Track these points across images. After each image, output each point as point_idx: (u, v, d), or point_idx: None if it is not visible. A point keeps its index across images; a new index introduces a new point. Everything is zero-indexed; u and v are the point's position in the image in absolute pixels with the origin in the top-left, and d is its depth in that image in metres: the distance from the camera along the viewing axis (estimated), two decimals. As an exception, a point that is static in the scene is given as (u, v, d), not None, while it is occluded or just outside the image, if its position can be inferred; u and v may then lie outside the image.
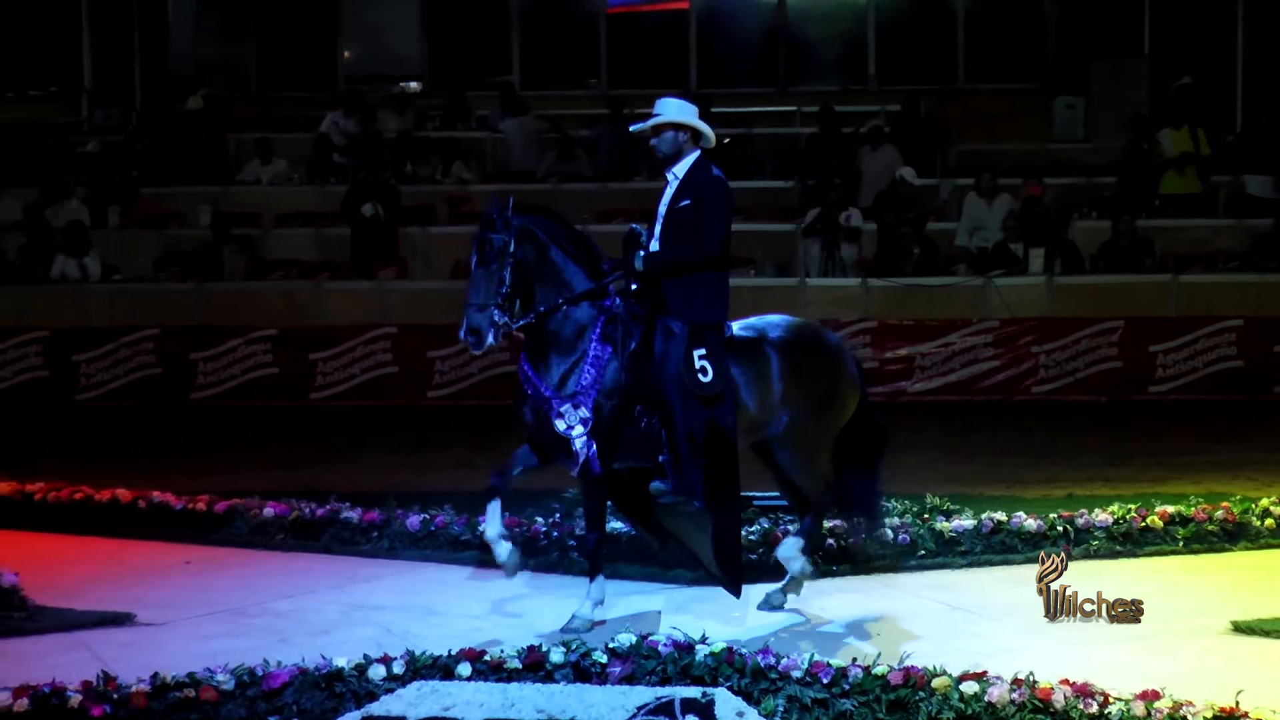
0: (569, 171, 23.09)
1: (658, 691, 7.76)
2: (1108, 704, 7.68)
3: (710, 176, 9.72)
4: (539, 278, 9.56)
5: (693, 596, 10.23)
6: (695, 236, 9.56)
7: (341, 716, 7.77)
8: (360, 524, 11.59)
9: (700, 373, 9.41)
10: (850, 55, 26.76)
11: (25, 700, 7.78)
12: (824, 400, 9.94)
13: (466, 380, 18.90)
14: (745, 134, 23.97)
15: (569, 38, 27.48)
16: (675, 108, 9.84)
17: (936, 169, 22.63)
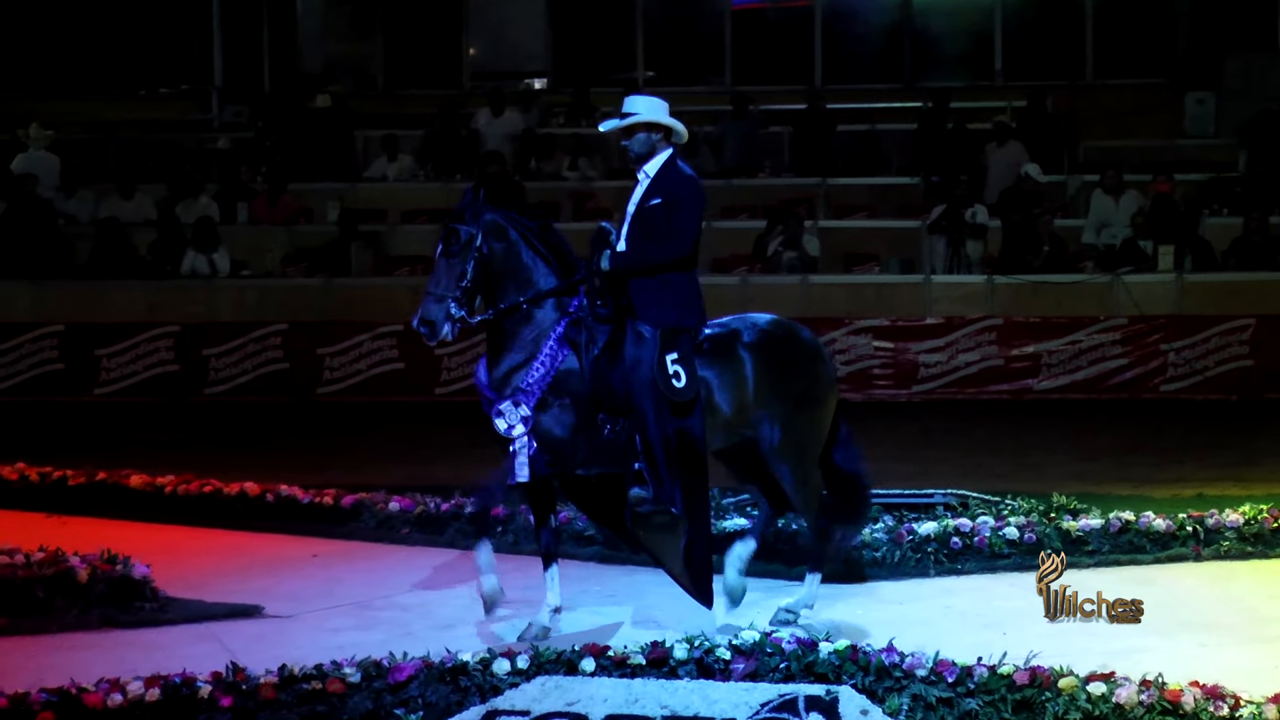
0: (694, 168, 22.95)
1: (781, 689, 7.73)
2: (1239, 707, 7.57)
3: (681, 175, 9.50)
4: (504, 274, 9.31)
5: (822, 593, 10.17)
6: (665, 236, 9.35)
7: (466, 710, 7.80)
8: (488, 517, 11.62)
9: (674, 378, 9.16)
10: (976, 50, 26.57)
11: (156, 690, 7.87)
12: (804, 401, 9.58)
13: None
14: (870, 130, 23.86)
15: (694, 34, 27.48)
16: (646, 106, 9.61)
17: (1064, 165, 22.41)
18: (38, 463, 13.44)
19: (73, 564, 9.90)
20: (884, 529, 10.81)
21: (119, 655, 8.89)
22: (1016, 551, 10.77)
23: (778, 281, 19.80)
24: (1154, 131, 23.82)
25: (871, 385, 18.80)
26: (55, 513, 12.63)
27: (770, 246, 20.18)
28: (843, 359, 18.78)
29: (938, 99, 23.22)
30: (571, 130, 24.23)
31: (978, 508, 11.38)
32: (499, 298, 9.31)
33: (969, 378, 18.81)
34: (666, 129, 9.56)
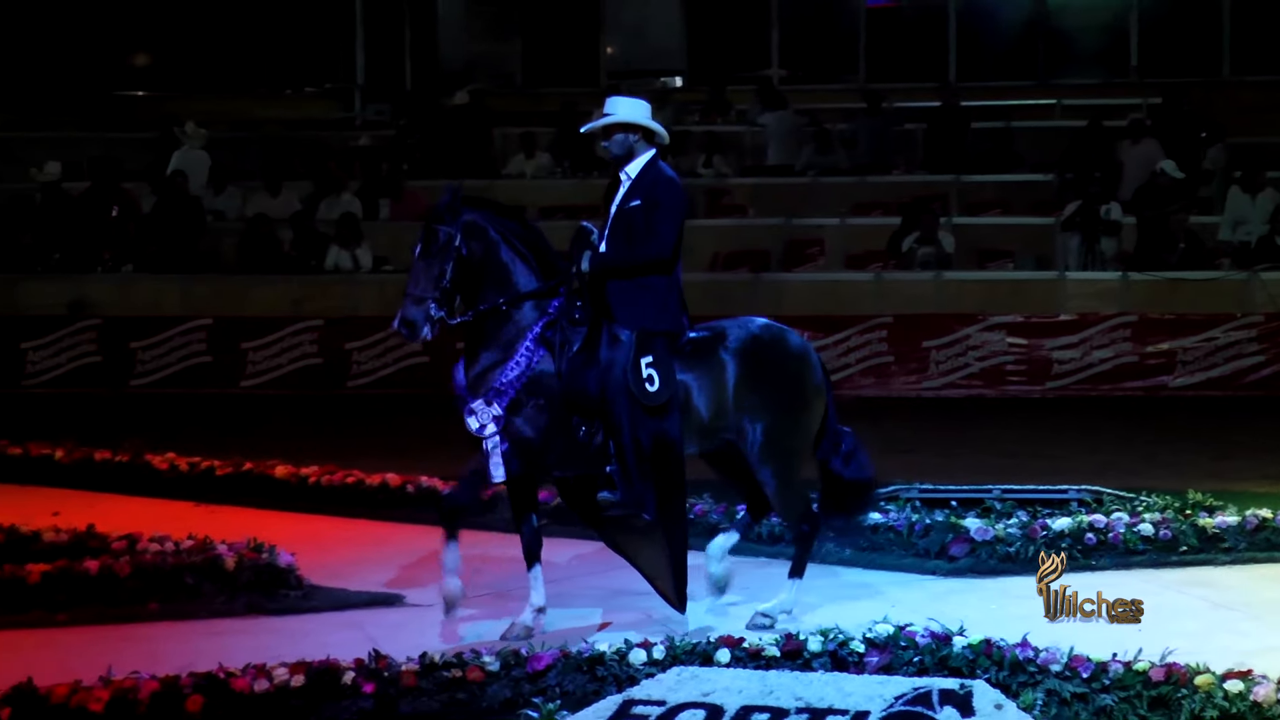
0: (827, 165, 23.01)
1: (915, 682, 7.69)
2: (1382, 708, 7.46)
3: (662, 176, 9.32)
4: (483, 275, 9.16)
5: (950, 588, 10.14)
6: (644, 239, 9.19)
7: (603, 699, 7.81)
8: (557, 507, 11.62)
9: (647, 381, 9.03)
10: (1112, 47, 26.32)
11: (301, 676, 7.96)
12: (788, 406, 9.43)
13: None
14: (1004, 127, 23.68)
15: (829, 32, 27.42)
16: (626, 107, 9.42)
17: (1200, 162, 22.10)
18: (186, 453, 13.63)
19: (220, 552, 10.05)
20: (1017, 524, 10.72)
21: (264, 641, 8.99)
22: (1151, 548, 10.65)
23: (911, 278, 19.70)
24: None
25: (1005, 381, 18.66)
26: (203, 502, 12.82)
27: (905, 243, 20.07)
28: (976, 355, 18.69)
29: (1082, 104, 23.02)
30: (706, 127, 24.22)
31: (1112, 504, 11.26)
32: (478, 299, 9.19)
33: (1103, 374, 18.61)
34: (646, 130, 9.38)
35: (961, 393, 18.54)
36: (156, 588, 9.80)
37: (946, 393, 18.56)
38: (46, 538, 10.72)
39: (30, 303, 20.66)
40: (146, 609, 9.66)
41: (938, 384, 18.70)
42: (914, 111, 23.98)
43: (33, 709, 7.63)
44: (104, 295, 20.69)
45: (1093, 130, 22.17)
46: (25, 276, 21.09)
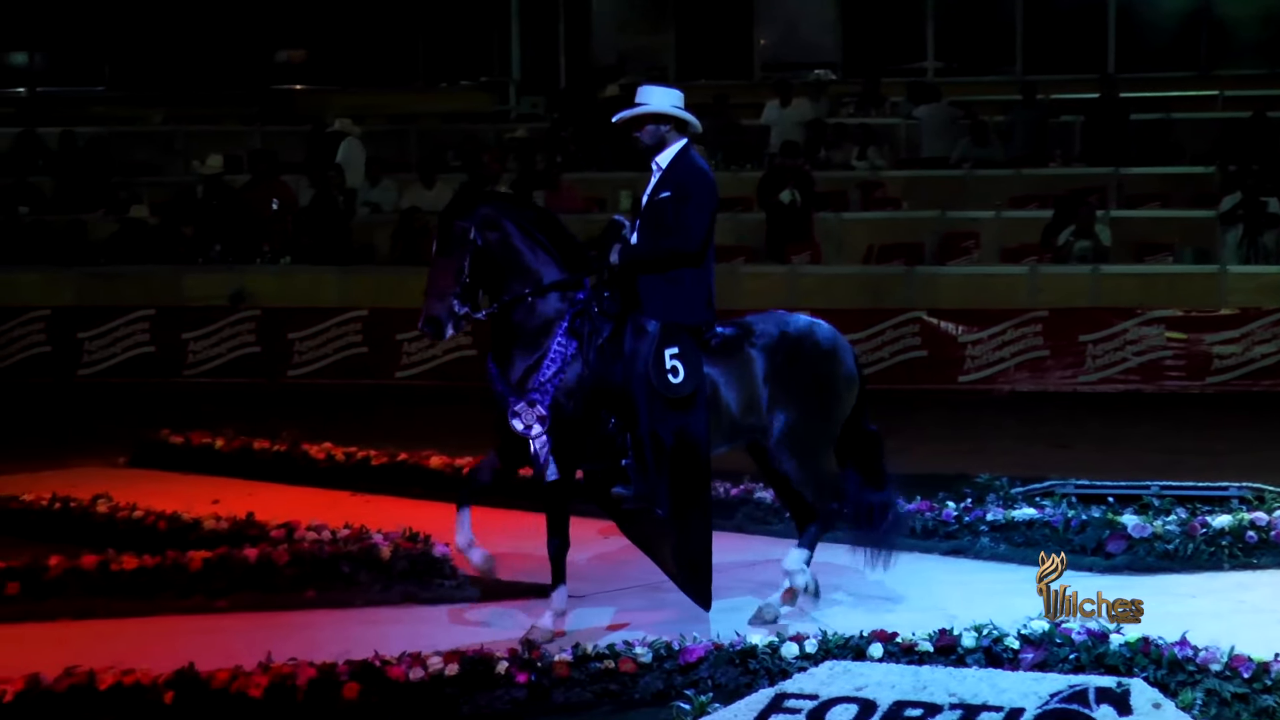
0: (982, 157, 22.82)
1: (1071, 679, 7.60)
2: None
3: (693, 167, 9.21)
4: (504, 267, 9.05)
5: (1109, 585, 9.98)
6: (673, 231, 9.05)
7: (755, 692, 7.80)
8: (774, 504, 11.62)
9: (670, 373, 8.92)
10: (1275, 36, 25.87)
11: (455, 665, 8.03)
12: (818, 401, 9.35)
13: (878, 364, 18.83)
14: (1164, 118, 23.36)
15: (985, 24, 27.22)
16: (658, 97, 9.30)
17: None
18: (342, 443, 13.78)
19: (376, 541, 10.16)
20: (1176, 522, 10.57)
21: (419, 630, 9.09)
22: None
23: (1068, 271, 19.50)
24: None
25: (1163, 376, 18.41)
26: (359, 491, 12.95)
27: (1060, 236, 19.87)
28: (1134, 349, 18.46)
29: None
30: (860, 120, 24.13)
31: (1274, 501, 11.04)
32: (502, 291, 9.08)
33: (1265, 370, 18.30)
34: (679, 120, 9.26)
35: (1118, 388, 18.32)
36: (313, 576, 9.92)
37: (1103, 388, 18.34)
38: (207, 526, 10.90)
39: (192, 294, 21.01)
40: (303, 596, 9.79)
41: (1094, 379, 18.49)
42: (1071, 103, 23.72)
43: (195, 693, 7.77)
44: (263, 286, 20.99)
45: (1255, 121, 21.82)
46: (188, 268, 21.46)
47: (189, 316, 20.68)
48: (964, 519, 11.00)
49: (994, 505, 11.05)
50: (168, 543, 10.51)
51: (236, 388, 19.66)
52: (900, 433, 15.80)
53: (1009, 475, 11.75)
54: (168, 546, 10.30)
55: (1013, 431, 15.97)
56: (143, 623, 9.48)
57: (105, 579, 9.84)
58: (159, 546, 10.34)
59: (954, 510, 11.07)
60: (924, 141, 23.51)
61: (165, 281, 21.35)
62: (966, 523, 10.97)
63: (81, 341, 20.77)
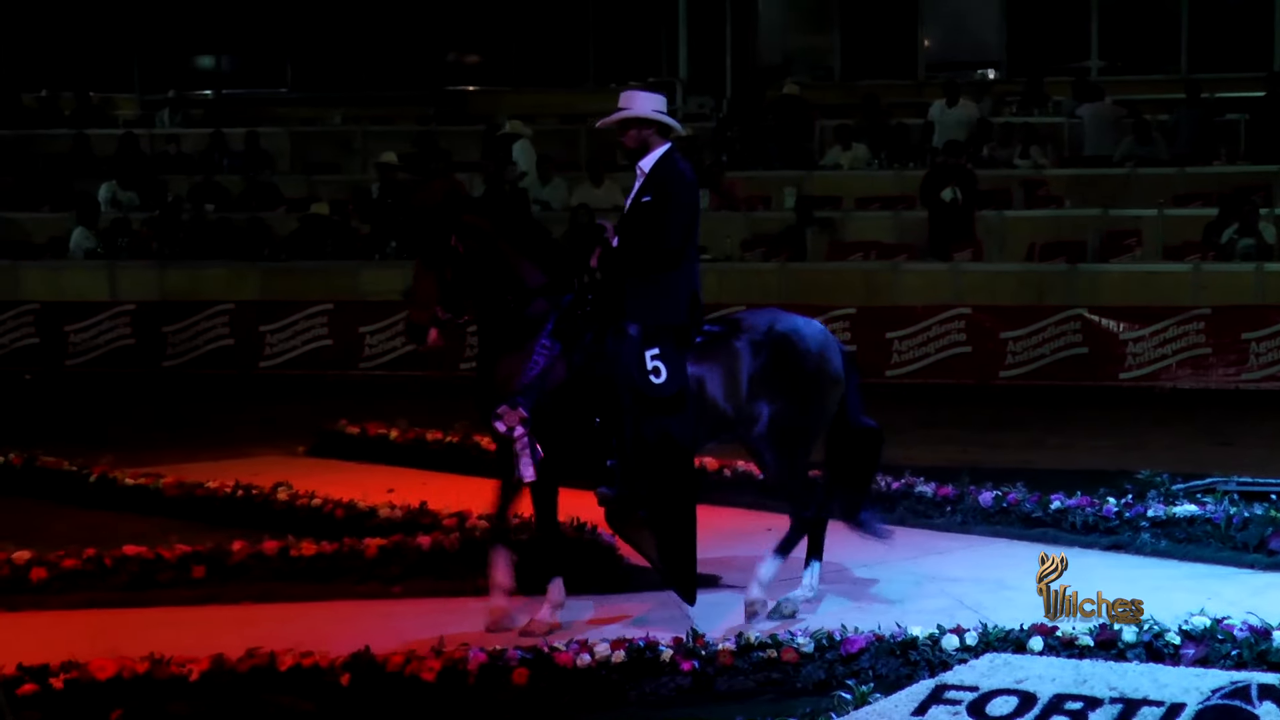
0: (1145, 155, 22.52)
1: (1233, 675, 7.49)
2: None
3: (674, 172, 9.05)
4: (487, 272, 8.98)
5: (1269, 582, 9.86)
6: (653, 234, 8.90)
7: (915, 683, 7.76)
8: (934, 498, 11.59)
9: (653, 374, 8.82)
10: None
11: (621, 652, 8.07)
12: (801, 398, 9.18)
13: (1039, 360, 18.68)
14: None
15: (1149, 22, 26.87)
16: (640, 101, 9.14)
17: None
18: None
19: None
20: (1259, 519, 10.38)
21: (585, 618, 9.17)
22: None
23: (1231, 269, 19.19)
24: None
25: (1328, 374, 18.11)
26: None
27: (1224, 234, 19.56)
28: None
29: None
30: (1023, 119, 23.92)
31: None
32: (485, 297, 9.05)
33: None
34: (661, 125, 9.14)
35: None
36: (484, 564, 10.00)
37: (1266, 385, 18.03)
38: (382, 514, 11.03)
39: (368, 288, 21.27)
40: (474, 584, 9.86)
41: (1257, 376, 18.18)
42: (1236, 101, 23.33)
43: (370, 676, 7.87)
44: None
45: None
46: (364, 263, 21.73)
47: (366, 310, 20.94)
48: (1125, 515, 10.86)
49: (1155, 501, 10.91)
50: (345, 530, 10.66)
51: (411, 380, 19.86)
52: (1061, 429, 15.81)
53: (1170, 472, 11.63)
54: (345, 534, 10.45)
55: (1174, 428, 15.75)
56: (321, 606, 9.62)
57: (286, 564, 9.99)
58: (337, 533, 10.50)
59: (1115, 506, 10.94)
60: (1087, 140, 23.25)
61: (343, 276, 21.65)
62: (1127, 519, 10.83)
63: (263, 335, 21.12)
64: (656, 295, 9.04)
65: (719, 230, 21.79)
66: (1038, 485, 11.40)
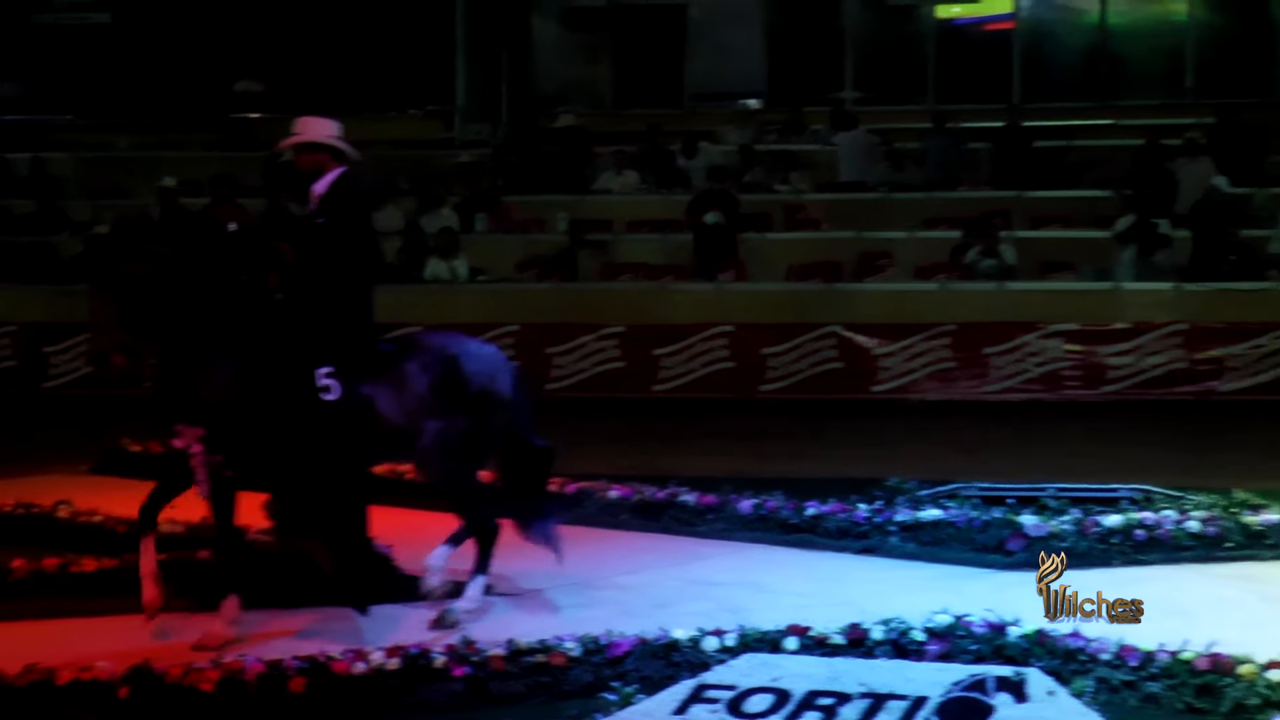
0: (898, 181, 22.93)
1: (972, 669, 7.66)
2: None
3: (347, 195, 9.15)
4: (166, 298, 8.83)
5: (1007, 581, 10.07)
6: (328, 255, 9.00)
7: (678, 684, 7.82)
8: (698, 507, 11.67)
9: (324, 390, 8.85)
10: (1169, 69, 26.13)
11: (396, 659, 8.03)
12: (468, 417, 9.17)
13: (798, 375, 18.91)
14: (1066, 145, 23.54)
15: (900, 56, 27.36)
16: (313, 127, 9.32)
17: (1252, 178, 21.88)
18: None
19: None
20: (1071, 521, 10.65)
21: (363, 627, 9.07)
22: (1199, 544, 10.54)
23: (975, 288, 19.61)
24: (1342, 146, 23.20)
25: (1061, 386, 18.54)
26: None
27: (969, 255, 19.99)
28: (1035, 361, 18.57)
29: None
30: (783, 146, 24.22)
31: (1161, 502, 11.16)
32: (165, 320, 8.87)
33: (1155, 380, 18.44)
34: (334, 149, 9.24)
35: (1021, 397, 18.42)
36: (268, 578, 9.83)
37: (1006, 397, 18.44)
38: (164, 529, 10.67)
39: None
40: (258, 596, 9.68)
41: (998, 388, 18.59)
42: (980, 131, 23.86)
43: (150, 688, 7.73)
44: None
45: (1150, 148, 21.99)
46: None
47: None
48: (875, 520, 11.03)
49: (903, 507, 11.11)
50: (127, 546, 10.42)
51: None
52: (819, 440, 16.00)
53: (917, 479, 11.82)
54: (127, 550, 10.21)
55: (922, 438, 16.03)
56: (103, 621, 9.38)
57: (67, 580, 9.76)
58: (118, 549, 10.25)
59: (865, 512, 11.11)
60: (843, 167, 23.58)
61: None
62: (877, 523, 11.01)
63: (47, 356, 20.61)
64: (331, 314, 9.01)
65: (496, 252, 21.77)
66: (796, 493, 11.53)
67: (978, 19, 27.13)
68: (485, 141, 26.08)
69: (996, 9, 26.79)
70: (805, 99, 25.80)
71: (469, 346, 9.48)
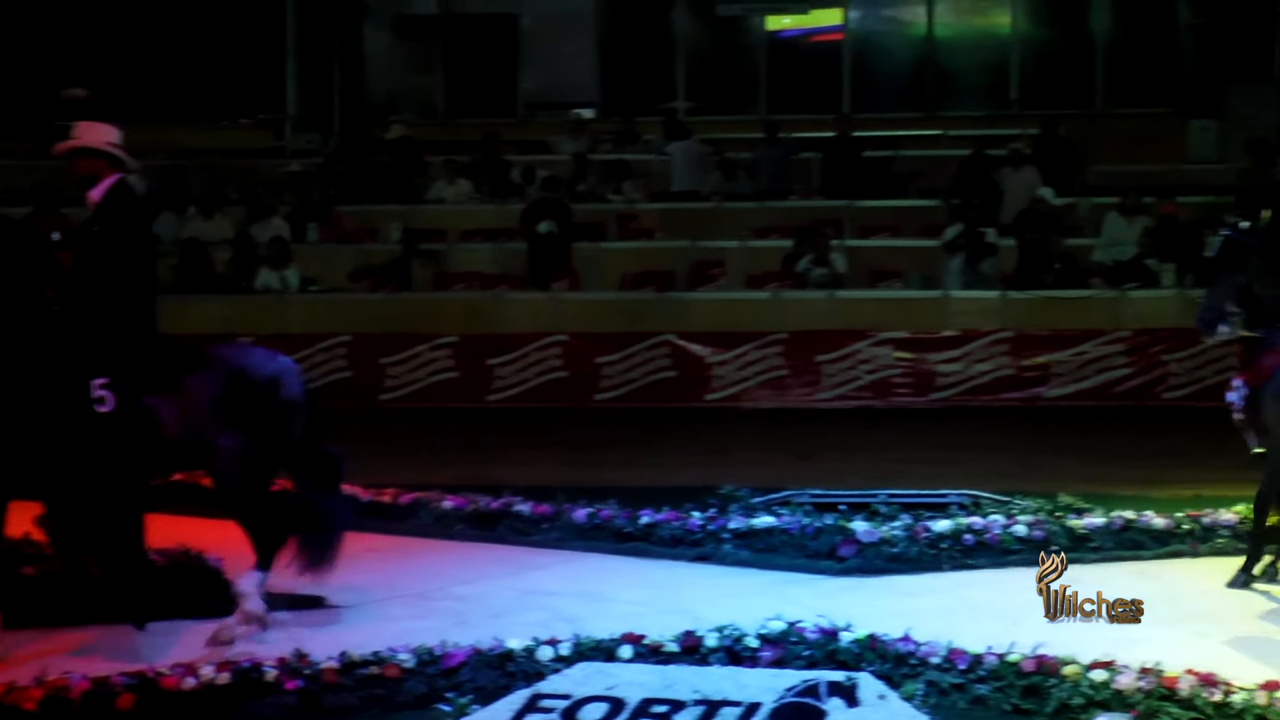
0: (730, 191, 23.06)
1: (805, 675, 7.74)
2: (1231, 693, 7.55)
3: (124, 203, 9.07)
4: None
5: (839, 587, 10.18)
6: (103, 264, 8.89)
7: (512, 693, 7.81)
8: (533, 516, 11.65)
9: (98, 402, 8.67)
10: (994, 81, 26.59)
11: (227, 674, 7.93)
12: (256, 428, 9.01)
13: (632, 384, 18.93)
14: (894, 155, 23.84)
15: (731, 67, 27.56)
16: (91, 132, 9.26)
17: (1075, 188, 22.32)
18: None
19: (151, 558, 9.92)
20: (902, 526, 10.79)
21: (193, 641, 8.94)
22: (1025, 548, 10.71)
23: (806, 296, 19.77)
24: (1160, 157, 23.68)
25: (892, 393, 18.74)
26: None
27: (800, 264, 20.15)
28: (866, 368, 18.74)
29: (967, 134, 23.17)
30: (617, 156, 24.27)
31: (989, 507, 11.35)
32: None
33: (983, 386, 18.71)
34: (111, 156, 9.18)
35: (852, 404, 18.59)
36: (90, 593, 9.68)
37: (838, 404, 18.60)
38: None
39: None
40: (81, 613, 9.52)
41: (829, 395, 18.75)
42: (811, 141, 24.08)
43: (-30, 708, 7.56)
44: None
45: (976, 158, 22.32)
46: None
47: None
48: (709, 527, 11.09)
49: (736, 514, 11.17)
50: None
51: None
52: (653, 448, 16.04)
53: (751, 486, 11.89)
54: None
55: (755, 445, 16.13)
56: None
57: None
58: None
59: (700, 519, 11.16)
60: (676, 176, 23.68)
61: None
62: (711, 531, 11.06)
63: None
64: (107, 324, 8.83)
65: (328, 262, 21.56)
66: (630, 502, 11.55)
67: (807, 30, 27.40)
68: (316, 150, 25.82)
69: (826, 21, 27.07)
70: (638, 109, 25.91)
71: (255, 357, 9.33)
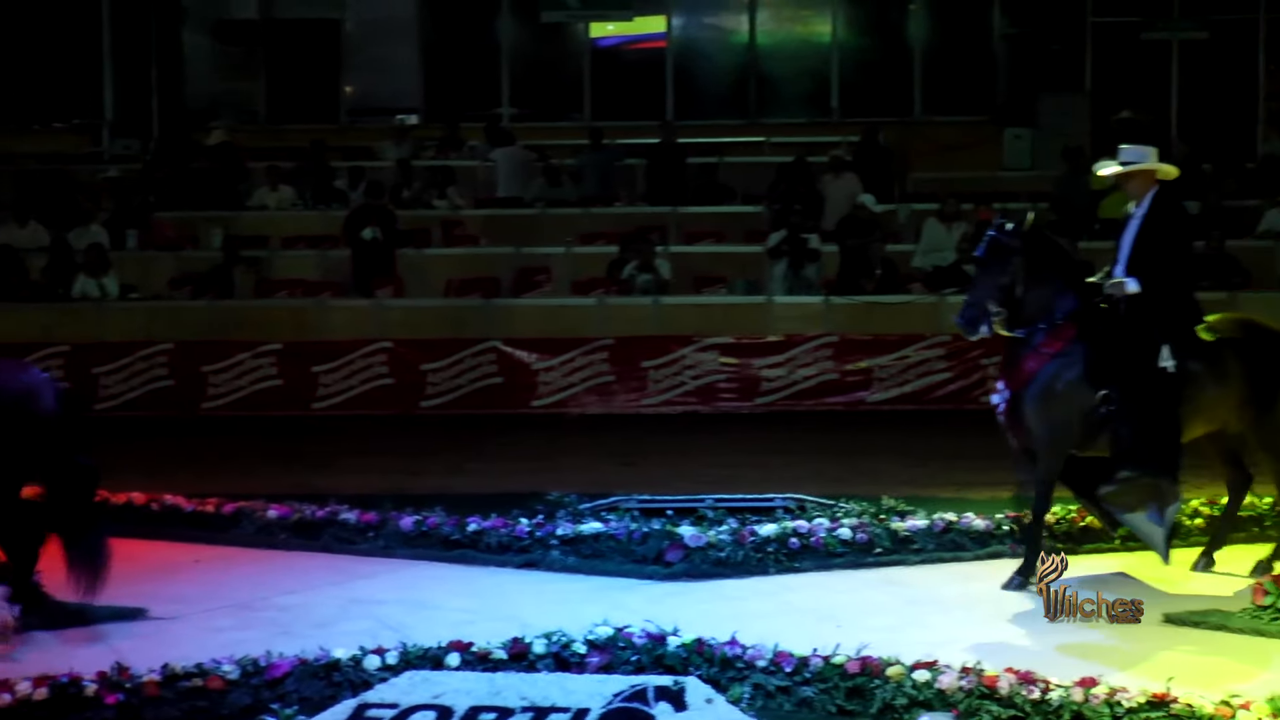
0: (554, 197, 23.07)
1: (633, 680, 7.76)
2: (1049, 690, 7.69)
3: None
4: None
5: (667, 592, 10.22)
6: None
7: (338, 704, 7.74)
8: (358, 524, 11.56)
9: None
10: (815, 89, 26.88)
11: (44, 689, 7.77)
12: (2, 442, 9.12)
13: (458, 390, 18.85)
14: (718, 162, 24.00)
15: (556, 73, 27.58)
16: None
17: (895, 195, 22.64)
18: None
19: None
20: (728, 531, 10.85)
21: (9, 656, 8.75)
22: (850, 550, 10.85)
23: (632, 302, 19.83)
24: (976, 164, 24.13)
25: (717, 398, 18.83)
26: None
27: (625, 270, 20.21)
28: (691, 374, 18.82)
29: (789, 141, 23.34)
30: (441, 162, 24.17)
31: (814, 510, 11.44)
32: None
33: (807, 390, 18.88)
34: None
35: (678, 409, 18.67)
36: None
37: (664, 409, 18.67)
38: None
39: None
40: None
41: (656, 401, 18.82)
42: (635, 148, 24.17)
43: None
44: None
45: (798, 165, 22.54)
46: None
47: None
48: (536, 534, 11.09)
49: (564, 520, 11.17)
50: None
51: None
52: (480, 455, 16.00)
53: (578, 492, 11.90)
54: None
55: (582, 451, 16.15)
56: None
57: None
58: None
59: (527, 526, 11.15)
60: (500, 182, 23.64)
61: None
62: (538, 537, 11.06)
63: None
64: None
65: (147, 269, 21.22)
66: (457, 509, 11.52)
67: (631, 37, 27.50)
68: (135, 156, 25.40)
69: (649, 28, 27.19)
70: (462, 115, 25.82)
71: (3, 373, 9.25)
